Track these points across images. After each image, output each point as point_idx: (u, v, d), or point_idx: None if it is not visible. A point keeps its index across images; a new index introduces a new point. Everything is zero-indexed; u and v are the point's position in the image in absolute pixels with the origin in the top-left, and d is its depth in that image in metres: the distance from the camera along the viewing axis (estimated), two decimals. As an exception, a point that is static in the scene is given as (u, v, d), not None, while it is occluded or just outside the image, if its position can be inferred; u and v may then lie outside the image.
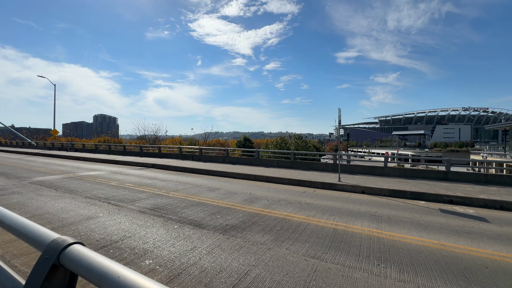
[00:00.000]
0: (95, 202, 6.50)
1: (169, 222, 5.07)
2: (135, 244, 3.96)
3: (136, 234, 4.40)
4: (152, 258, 3.52)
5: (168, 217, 5.35)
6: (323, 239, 4.39)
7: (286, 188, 9.16)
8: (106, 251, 3.69)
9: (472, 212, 6.58)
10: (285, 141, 32.46)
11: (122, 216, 5.39)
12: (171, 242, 4.07)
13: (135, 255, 3.59)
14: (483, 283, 3.14)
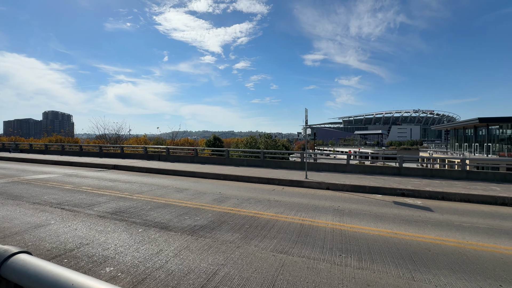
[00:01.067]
0: (46, 208, 5.86)
1: (133, 226, 4.80)
2: (94, 252, 3.68)
3: (95, 240, 4.08)
4: (113, 265, 3.30)
5: (132, 221, 5.06)
6: (291, 235, 4.56)
7: (255, 187, 9.27)
8: (59, 261, 3.36)
9: (419, 203, 7.40)
10: (255, 140, 32.78)
11: (78, 222, 4.95)
12: (135, 247, 3.87)
13: (94, 263, 3.34)
14: (427, 264, 3.56)
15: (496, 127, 41.50)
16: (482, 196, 7.76)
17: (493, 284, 3.10)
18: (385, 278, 3.16)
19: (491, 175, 11.00)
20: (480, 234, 4.82)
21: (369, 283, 3.05)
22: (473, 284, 3.09)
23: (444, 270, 3.41)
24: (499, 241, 4.53)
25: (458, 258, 3.77)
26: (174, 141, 34.57)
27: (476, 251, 4.04)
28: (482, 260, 3.73)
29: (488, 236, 4.73)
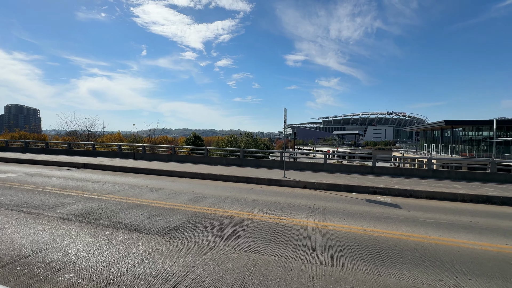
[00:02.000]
0: (0, 211, 5.35)
1: (100, 228, 4.53)
2: (53, 257, 3.41)
3: (55, 245, 3.79)
4: (74, 271, 3.08)
5: (99, 223, 4.78)
6: (265, 234, 4.56)
7: (234, 186, 9.20)
8: (11, 269, 3.07)
9: (389, 200, 7.77)
10: (236, 139, 32.63)
11: (37, 225, 4.57)
12: (100, 251, 3.64)
13: (51, 270, 3.09)
14: (392, 259, 3.73)
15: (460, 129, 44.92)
16: (445, 194, 8.34)
17: (450, 276, 3.32)
18: (353, 274, 3.26)
19: (453, 174, 11.86)
20: (441, 229, 5.16)
21: (338, 279, 3.13)
22: (433, 277, 3.28)
23: (408, 264, 3.59)
24: (457, 235, 4.87)
25: (421, 253, 4.00)
26: (152, 139, 33.38)
27: (437, 245, 4.31)
28: (441, 254, 3.98)
29: (448, 231, 5.08)
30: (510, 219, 6.16)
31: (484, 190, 8.96)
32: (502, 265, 3.67)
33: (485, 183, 10.58)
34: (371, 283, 3.07)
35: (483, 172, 11.64)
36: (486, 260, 3.81)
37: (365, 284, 3.04)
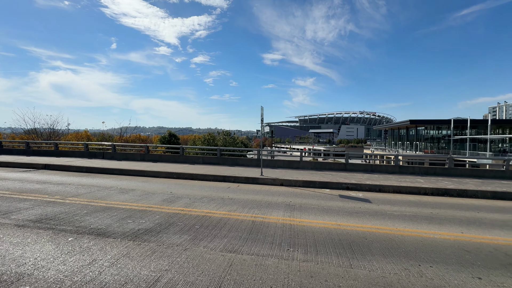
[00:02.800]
0: None
1: (61, 234, 4.17)
2: (4, 270, 3.06)
3: (7, 255, 3.41)
4: (30, 283, 2.80)
5: (61, 229, 4.40)
6: (242, 232, 4.53)
7: (210, 185, 9.04)
8: (-48, 286, 2.70)
9: (361, 195, 8.16)
10: (213, 137, 32.12)
11: (-14, 234, 4.08)
12: (62, 259, 3.35)
13: (2, 284, 2.77)
14: (363, 252, 3.91)
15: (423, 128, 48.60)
16: (410, 188, 8.97)
17: (414, 265, 3.56)
18: (327, 268, 3.36)
19: (417, 169, 12.80)
20: (407, 221, 5.53)
21: (312, 274, 3.20)
22: (399, 266, 3.49)
23: (377, 256, 3.79)
24: (420, 226, 5.25)
25: (389, 244, 4.24)
26: (123, 138, 31.67)
27: (402, 236, 4.61)
28: (407, 244, 4.26)
29: (412, 222, 5.46)
30: (465, 209, 6.79)
31: (443, 183, 9.78)
32: (458, 252, 4.02)
33: (444, 177, 11.56)
34: (343, 276, 3.18)
35: (442, 167, 12.70)
36: (445, 248, 4.15)
37: (338, 277, 3.15)
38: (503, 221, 5.81)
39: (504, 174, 12.17)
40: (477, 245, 4.31)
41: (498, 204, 7.54)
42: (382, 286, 3.00)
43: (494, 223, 5.59)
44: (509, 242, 4.49)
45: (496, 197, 8.47)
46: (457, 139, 42.59)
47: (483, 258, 3.82)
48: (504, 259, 3.81)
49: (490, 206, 7.22)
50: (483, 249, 4.15)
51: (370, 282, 3.07)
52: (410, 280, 3.14)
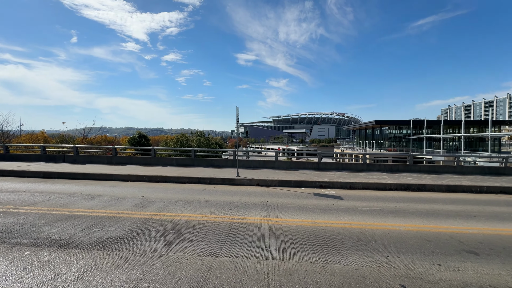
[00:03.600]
0: None
1: (16, 248, 3.73)
2: None
3: None
4: (-22, 307, 2.45)
5: (15, 242, 3.93)
6: (219, 235, 4.46)
7: (185, 187, 8.77)
8: None
9: (333, 193, 8.53)
10: (186, 138, 31.21)
11: None
12: (17, 276, 2.99)
13: None
14: (337, 247, 4.09)
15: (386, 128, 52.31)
16: (377, 184, 9.59)
17: (383, 256, 3.81)
18: (305, 265, 3.45)
19: (383, 167, 13.75)
20: (375, 215, 5.91)
21: (291, 272, 3.26)
22: (370, 259, 3.71)
23: (351, 250, 3.98)
24: (387, 219, 5.64)
25: (360, 238, 4.49)
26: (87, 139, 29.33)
27: (372, 230, 4.91)
28: (376, 237, 4.55)
29: (381, 216, 5.84)
30: (424, 202, 7.44)
31: (405, 179, 10.63)
32: (420, 242, 4.39)
33: (405, 173, 12.56)
34: (320, 271, 3.29)
35: (404, 164, 13.79)
36: (409, 239, 4.50)
37: (315, 273, 3.25)
38: (456, 211, 6.48)
39: (455, 169, 13.60)
40: (436, 235, 4.75)
41: (451, 197, 8.39)
42: (356, 278, 3.16)
43: (449, 214, 6.22)
44: (461, 230, 5.02)
45: (449, 190, 9.43)
46: (415, 138, 46.64)
47: (441, 246, 4.22)
48: (458, 246, 4.24)
49: (445, 199, 8.01)
50: (441, 238, 4.58)
51: (345, 276, 3.21)
52: (380, 271, 3.35)
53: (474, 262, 3.68)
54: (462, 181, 10.38)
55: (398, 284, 3.06)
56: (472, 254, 3.95)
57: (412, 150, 44.71)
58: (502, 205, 7.37)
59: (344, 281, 3.09)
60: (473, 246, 4.26)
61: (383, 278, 3.18)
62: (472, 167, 13.99)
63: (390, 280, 3.15)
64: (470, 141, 46.11)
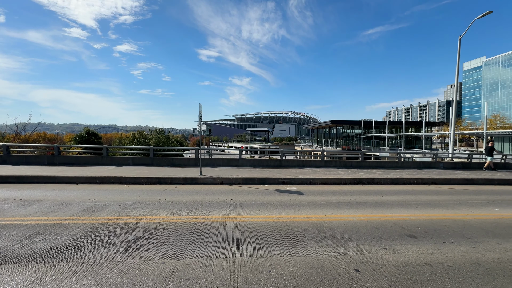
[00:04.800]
0: None
1: None
2: None
3: None
4: None
5: None
6: (183, 236, 4.31)
7: (144, 188, 8.22)
8: None
9: (295, 188, 8.92)
10: (144, 136, 29.17)
11: None
12: None
13: None
14: (300, 239, 4.30)
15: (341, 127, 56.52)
16: (333, 179, 10.34)
17: (340, 245, 4.13)
18: (270, 260, 3.55)
19: (338, 163, 14.86)
20: (333, 208, 6.37)
21: (257, 267, 3.32)
22: (329, 248, 3.99)
23: (311, 242, 4.23)
24: (343, 211, 6.13)
25: (320, 230, 4.79)
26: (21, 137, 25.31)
27: (330, 222, 5.28)
28: (334, 228, 4.91)
29: (337, 209, 6.32)
30: (373, 194, 8.28)
31: (358, 174, 11.67)
32: (370, 230, 4.88)
33: (358, 169, 13.79)
34: (285, 264, 3.43)
35: (356, 160, 15.12)
36: (361, 228, 4.97)
37: (280, 266, 3.37)
38: (399, 201, 7.36)
39: (397, 164, 15.42)
40: (383, 222, 5.33)
41: (395, 188, 9.50)
42: (317, 267, 3.37)
43: (393, 204, 7.03)
44: (403, 218, 5.73)
45: (393, 182, 10.66)
46: (365, 136, 51.48)
47: (387, 232, 4.76)
48: (401, 231, 4.84)
49: (390, 190, 9.04)
50: (387, 225, 5.16)
51: (307, 266, 3.40)
52: (338, 259, 3.64)
53: (413, 244, 4.24)
54: (403, 175, 11.83)
55: (353, 269, 3.36)
56: (412, 237, 4.55)
57: (363, 147, 49.26)
58: (433, 194, 8.62)
59: (306, 271, 3.27)
60: (412, 230, 4.90)
61: (340, 265, 3.45)
62: (411, 162, 16.04)
63: (346, 266, 3.44)
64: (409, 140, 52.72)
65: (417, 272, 3.33)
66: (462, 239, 4.53)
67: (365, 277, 3.17)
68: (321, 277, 3.14)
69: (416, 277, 3.19)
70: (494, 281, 3.16)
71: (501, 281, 3.18)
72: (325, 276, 3.17)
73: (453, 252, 3.97)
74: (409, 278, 3.18)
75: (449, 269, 3.42)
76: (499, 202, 7.56)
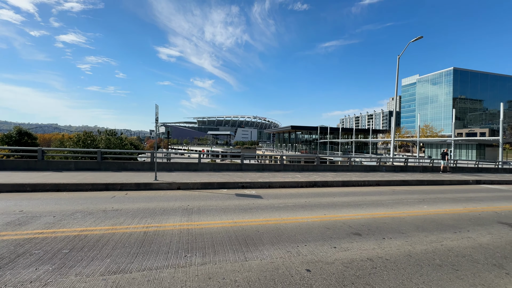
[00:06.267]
0: None
1: None
2: None
3: None
4: None
5: None
6: (131, 247, 3.95)
7: (88, 196, 7.36)
8: None
9: (254, 192, 9.00)
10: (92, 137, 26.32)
11: None
12: None
13: None
14: (256, 243, 4.32)
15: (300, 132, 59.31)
16: (291, 182, 10.74)
17: (294, 246, 4.27)
18: (224, 266, 3.48)
19: (296, 167, 15.51)
20: (289, 211, 6.58)
21: (211, 275, 3.22)
22: (283, 250, 4.09)
23: (267, 245, 4.28)
24: (299, 213, 6.39)
25: (276, 233, 4.90)
26: None
27: (286, 224, 5.44)
28: (289, 230, 5.06)
29: (293, 211, 6.55)
30: (327, 196, 8.83)
31: (313, 177, 12.34)
32: (322, 230, 5.17)
33: (314, 172, 14.59)
34: (239, 270, 3.40)
35: (312, 164, 16.00)
36: (314, 228, 5.23)
37: (235, 272, 3.32)
38: (348, 202, 7.99)
39: (348, 167, 16.78)
40: (333, 223, 5.70)
41: (345, 190, 10.30)
42: (271, 270, 3.42)
43: (343, 204, 7.60)
44: (351, 217, 6.22)
45: (344, 185, 11.54)
46: (322, 142, 54.98)
47: (337, 231, 5.10)
48: (348, 230, 5.23)
49: (341, 192, 9.75)
50: (337, 225, 5.53)
51: (262, 270, 3.43)
52: (291, 260, 3.75)
53: (358, 241, 4.62)
54: (352, 177, 12.90)
55: (305, 269, 3.50)
56: (357, 235, 4.95)
57: (320, 152, 52.48)
58: (377, 194, 9.58)
59: (261, 275, 3.29)
60: (358, 229, 5.34)
61: (293, 266, 3.56)
62: (359, 166, 17.63)
63: (299, 266, 3.56)
64: (359, 145, 57.94)
65: (360, 267, 3.62)
66: (398, 234, 5.10)
67: (315, 276, 3.33)
68: (275, 280, 3.19)
69: (360, 272, 3.47)
70: (421, 270, 3.62)
71: (426, 269, 3.65)
72: (279, 278, 3.23)
73: (391, 246, 4.44)
74: (354, 273, 3.44)
75: (387, 263, 3.81)
76: (427, 200, 8.77)
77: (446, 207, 7.82)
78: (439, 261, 3.94)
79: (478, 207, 7.92)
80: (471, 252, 4.35)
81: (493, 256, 4.23)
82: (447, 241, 4.80)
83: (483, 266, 3.85)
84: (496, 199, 9.66)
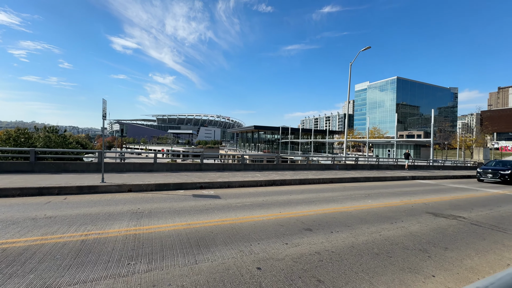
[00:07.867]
0: None
1: None
2: None
3: None
4: None
5: None
6: (62, 259, 3.49)
7: (14, 202, 6.34)
8: None
9: (212, 192, 8.82)
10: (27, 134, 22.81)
11: None
12: None
13: None
14: (208, 245, 4.21)
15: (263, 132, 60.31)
16: (251, 182, 10.82)
17: (247, 245, 4.28)
18: (172, 272, 3.30)
19: (257, 166, 15.71)
20: (246, 210, 6.60)
21: (155, 282, 3.02)
22: (236, 250, 4.07)
23: (220, 246, 4.21)
24: (255, 212, 6.44)
25: (230, 233, 4.84)
26: None
27: (241, 224, 5.43)
28: (244, 229, 5.06)
29: (250, 210, 6.59)
30: (284, 194, 9.10)
31: (272, 176, 12.63)
32: (276, 227, 5.29)
33: (273, 171, 14.95)
34: (188, 274, 3.26)
35: (273, 163, 16.39)
36: (269, 226, 5.33)
37: (182, 277, 3.18)
38: (303, 199, 8.36)
39: (306, 166, 17.61)
40: (287, 220, 5.89)
41: (302, 188, 10.77)
42: (221, 271, 3.36)
43: (298, 202, 7.92)
44: (304, 214, 6.51)
45: (301, 183, 12.07)
46: (283, 141, 56.80)
47: (290, 228, 5.27)
48: (301, 226, 5.46)
49: (297, 190, 10.17)
50: (290, 222, 5.73)
51: (212, 272, 3.34)
52: (243, 259, 3.74)
53: (309, 236, 4.85)
54: (309, 175, 13.58)
55: (256, 267, 3.52)
56: (308, 230, 5.19)
57: (281, 151, 54.13)
58: (330, 191, 10.24)
59: (210, 277, 3.20)
60: (310, 224, 5.61)
61: (244, 265, 3.56)
62: (316, 165, 18.65)
63: (250, 265, 3.57)
64: (317, 145, 61.38)
65: (308, 261, 3.79)
66: (345, 227, 5.50)
67: (265, 273, 3.37)
68: (224, 281, 3.14)
69: (307, 266, 3.63)
70: (362, 259, 3.95)
71: (366, 258, 4.00)
72: (228, 279, 3.19)
73: (337, 239, 4.76)
74: (302, 267, 3.58)
75: (333, 255, 4.06)
76: (372, 195, 9.68)
77: (387, 200, 8.73)
78: (377, 250, 4.35)
79: (412, 200, 9.04)
80: (403, 240, 4.91)
81: (420, 242, 4.84)
82: (384, 231, 5.34)
83: (411, 251, 4.37)
84: (426, 192, 11.15)
